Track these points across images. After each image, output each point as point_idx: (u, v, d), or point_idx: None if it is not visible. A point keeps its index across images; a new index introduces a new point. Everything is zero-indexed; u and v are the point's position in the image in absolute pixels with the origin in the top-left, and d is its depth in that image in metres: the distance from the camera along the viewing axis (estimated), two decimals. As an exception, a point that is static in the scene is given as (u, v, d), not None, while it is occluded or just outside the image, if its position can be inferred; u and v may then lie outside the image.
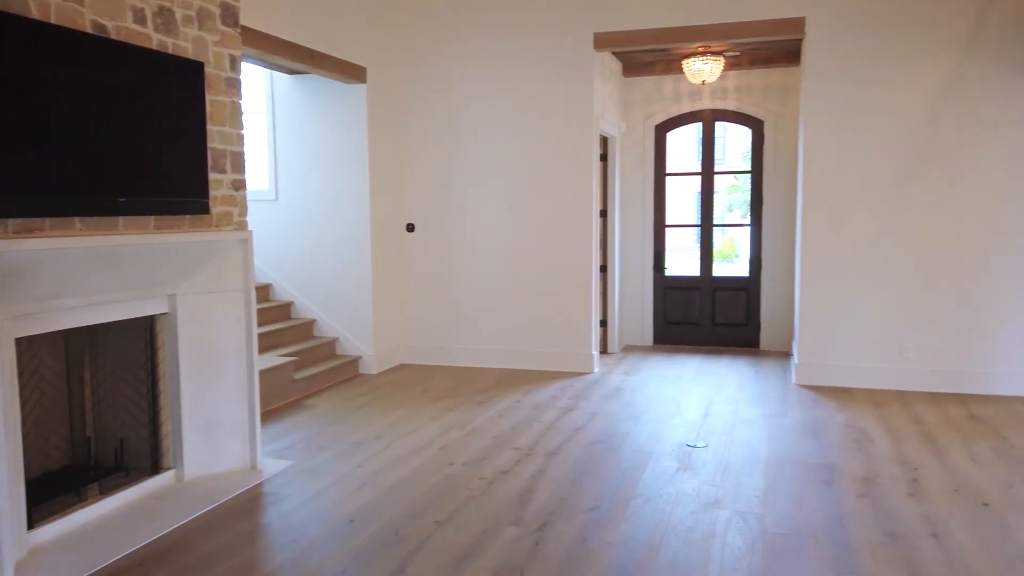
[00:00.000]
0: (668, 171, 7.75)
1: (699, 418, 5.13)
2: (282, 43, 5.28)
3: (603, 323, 7.37)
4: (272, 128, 6.56)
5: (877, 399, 5.51)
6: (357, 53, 6.14)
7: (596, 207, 6.52)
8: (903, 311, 5.74)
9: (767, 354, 7.31)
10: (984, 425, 4.85)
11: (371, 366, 6.51)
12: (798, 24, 5.77)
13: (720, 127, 7.69)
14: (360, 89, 6.26)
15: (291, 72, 6.27)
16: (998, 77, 5.42)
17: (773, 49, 6.94)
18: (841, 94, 5.74)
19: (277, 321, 6.41)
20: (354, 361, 6.47)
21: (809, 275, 5.95)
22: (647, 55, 7.15)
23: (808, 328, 5.99)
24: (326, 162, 6.42)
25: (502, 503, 3.69)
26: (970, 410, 5.19)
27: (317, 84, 6.31)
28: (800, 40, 6.01)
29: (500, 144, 6.55)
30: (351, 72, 6.07)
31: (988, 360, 5.60)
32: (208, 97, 3.93)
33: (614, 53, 6.98)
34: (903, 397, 5.56)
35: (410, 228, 6.85)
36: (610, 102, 7.04)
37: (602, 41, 6.20)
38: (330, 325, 6.55)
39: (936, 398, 5.51)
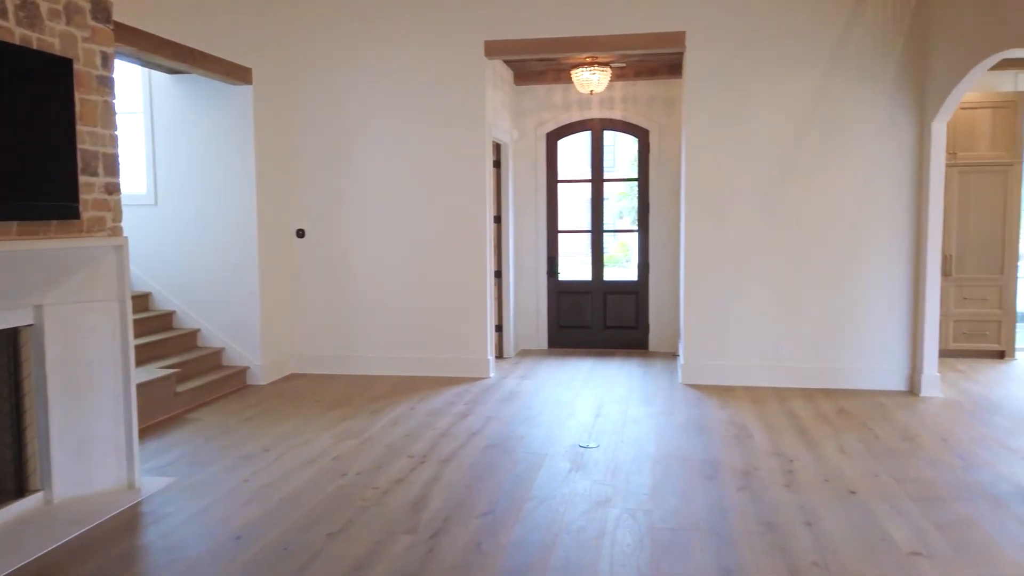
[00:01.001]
0: (560, 178, 7.91)
1: (591, 419, 5.25)
2: (160, 41, 5.04)
3: (498, 328, 7.43)
4: (151, 130, 6.25)
5: (756, 396, 5.82)
6: (242, 53, 5.94)
7: (490, 213, 6.57)
8: (779, 313, 6.09)
9: (655, 355, 7.58)
10: (851, 418, 5.20)
11: (260, 377, 6.30)
12: (679, 38, 6.02)
13: (609, 136, 7.91)
14: (246, 91, 6.06)
15: (171, 72, 6.00)
16: (858, 90, 5.84)
17: (657, 61, 7.22)
18: (719, 106, 6.03)
19: (157, 332, 6.10)
20: (241, 372, 6.24)
21: (692, 279, 6.21)
22: (538, 64, 7.28)
23: (692, 330, 6.25)
24: (209, 166, 6.17)
25: (396, 512, 3.66)
26: (839, 404, 5.56)
27: (199, 84, 6.06)
28: (682, 53, 6.28)
29: (393, 149, 6.49)
30: (235, 73, 5.87)
31: (854, 357, 6.01)
32: (78, 96, 3.70)
33: (506, 61, 7.07)
34: (780, 393, 5.88)
35: (300, 234, 6.67)
36: (503, 109, 7.12)
37: (493, 49, 6.27)
38: (215, 335, 6.29)
39: (809, 394, 5.87)
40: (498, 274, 7.40)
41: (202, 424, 5.19)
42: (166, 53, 5.11)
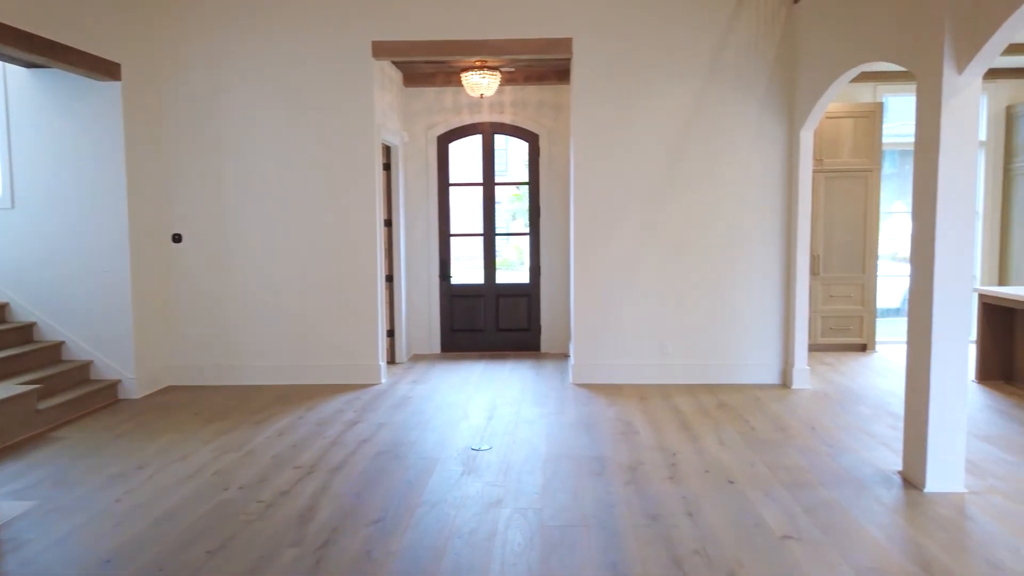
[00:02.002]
0: (452, 181, 7.89)
1: (484, 421, 5.26)
2: (16, 33, 4.68)
3: (390, 333, 7.33)
4: (6, 128, 5.79)
5: (642, 393, 5.99)
6: (109, 47, 5.60)
7: (380, 216, 6.47)
8: (663, 313, 6.30)
9: (548, 356, 7.68)
10: (730, 411, 5.44)
11: (133, 390, 5.95)
12: (566, 44, 6.14)
13: (501, 139, 7.97)
14: (114, 87, 5.72)
15: (29, 65, 5.58)
16: (733, 99, 6.13)
17: (546, 67, 7.33)
18: (606, 112, 6.19)
19: (16, 345, 5.66)
20: (112, 386, 5.87)
21: (582, 281, 6.34)
22: (427, 66, 7.24)
23: (582, 331, 6.38)
24: (75, 167, 5.78)
25: (282, 525, 3.53)
26: (719, 398, 5.81)
27: (62, 80, 5.67)
28: (569, 60, 6.40)
29: (277, 150, 6.29)
30: (102, 68, 5.53)
31: (733, 354, 6.30)
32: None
33: (394, 63, 6.99)
34: (664, 390, 6.09)
35: (176, 239, 6.35)
36: (392, 111, 7.03)
37: (381, 50, 6.18)
38: (82, 347, 5.89)
39: (692, 389, 6.10)
40: (389, 278, 7.30)
41: (68, 443, 4.84)
42: (22, 46, 4.74)
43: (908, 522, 3.50)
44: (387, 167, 7.23)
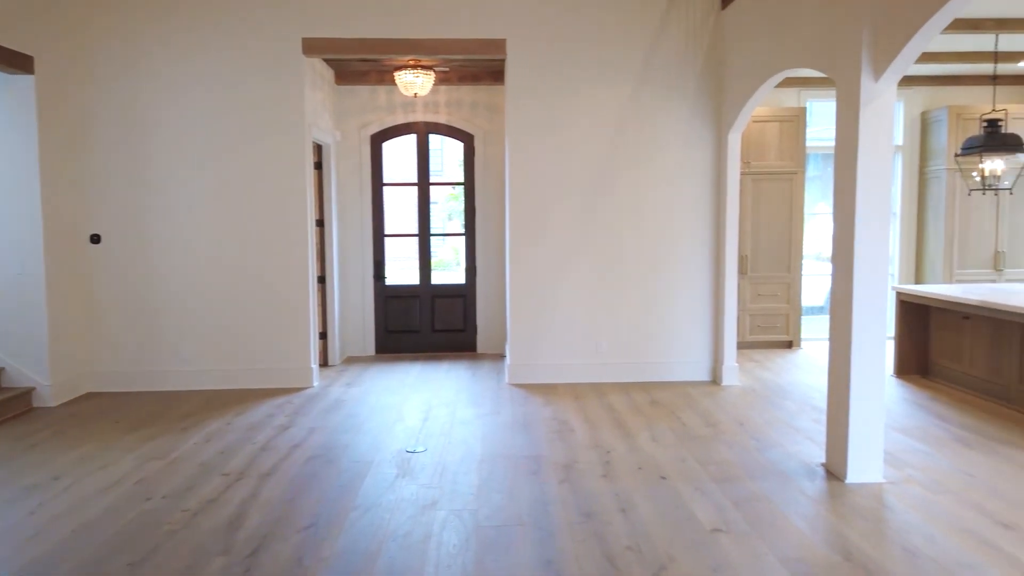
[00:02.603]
0: (386, 181, 7.80)
1: (419, 423, 5.22)
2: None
3: (323, 335, 7.20)
4: (-92, 120, 5.46)
5: (577, 392, 6.05)
6: (22, 39, 5.34)
7: (312, 216, 6.35)
8: (597, 312, 6.37)
9: (484, 357, 7.67)
10: (663, 408, 5.54)
11: (48, 398, 5.68)
12: (500, 45, 6.14)
13: (437, 139, 7.92)
14: (27, 81, 5.45)
15: (-67, 54, 5.28)
16: (665, 101, 6.25)
17: (480, 68, 7.32)
18: (540, 113, 6.22)
19: (-80, 351, 5.33)
20: (25, 394, 5.59)
21: (517, 281, 6.36)
22: (360, 64, 7.15)
23: (518, 331, 6.40)
24: (-16, 162, 5.49)
25: (209, 534, 3.42)
26: (652, 396, 5.90)
27: (-31, 71, 5.38)
28: (503, 60, 6.41)
29: (205, 148, 6.11)
30: (14, 61, 5.26)
31: (665, 352, 6.41)
32: None
33: (326, 60, 6.87)
34: (599, 389, 6.15)
35: (95, 239, 6.09)
36: (323, 109, 6.91)
37: (311, 47, 6.07)
38: (-5, 353, 5.60)
39: (626, 388, 6.19)
40: (322, 279, 7.17)
41: (-22, 454, 4.59)
42: (-76, 33, 4.48)
43: (830, 512, 3.62)
44: (319, 166, 7.10)
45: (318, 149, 7.06)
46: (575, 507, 3.68)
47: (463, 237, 7.91)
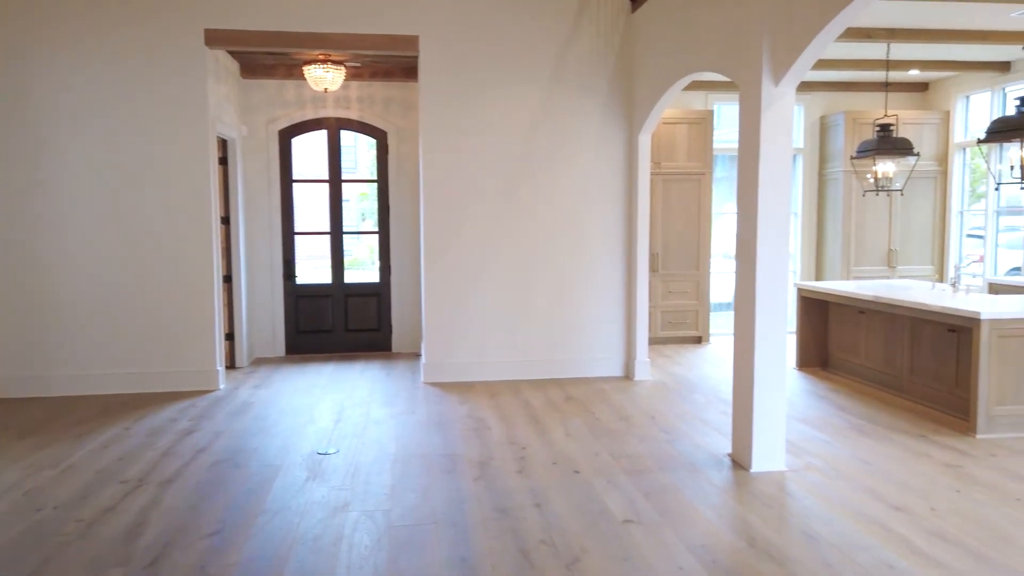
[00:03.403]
0: (295, 177, 7.60)
1: (331, 424, 5.11)
2: None
3: (229, 336, 6.96)
4: None
5: (493, 390, 6.05)
6: None
7: (216, 213, 6.12)
8: (513, 310, 6.39)
9: (399, 356, 7.58)
10: (577, 404, 5.61)
11: (-73, 406, 5.28)
12: (412, 42, 6.08)
13: (349, 136, 7.77)
14: (-101, 63, 5.05)
15: None
16: (578, 101, 6.32)
17: (392, 64, 7.23)
18: (454, 110, 6.19)
19: None
20: (-99, 402, 5.18)
21: (432, 280, 6.31)
22: (267, 58, 6.94)
23: (433, 329, 6.35)
24: None
25: (105, 544, 3.25)
26: (567, 392, 5.97)
27: None
28: (416, 57, 6.35)
29: (99, 141, 5.79)
30: None
31: (579, 348, 6.50)
32: None
33: (231, 53, 6.64)
34: (515, 386, 6.18)
35: (-20, 236, 5.70)
36: (228, 103, 6.68)
37: (214, 38, 5.85)
38: None
39: (541, 384, 6.23)
40: (228, 279, 6.92)
41: None
42: None
43: (736, 501, 3.74)
44: (223, 161, 6.86)
45: (223, 144, 6.82)
46: (490, 504, 3.68)
47: (377, 236, 7.79)
